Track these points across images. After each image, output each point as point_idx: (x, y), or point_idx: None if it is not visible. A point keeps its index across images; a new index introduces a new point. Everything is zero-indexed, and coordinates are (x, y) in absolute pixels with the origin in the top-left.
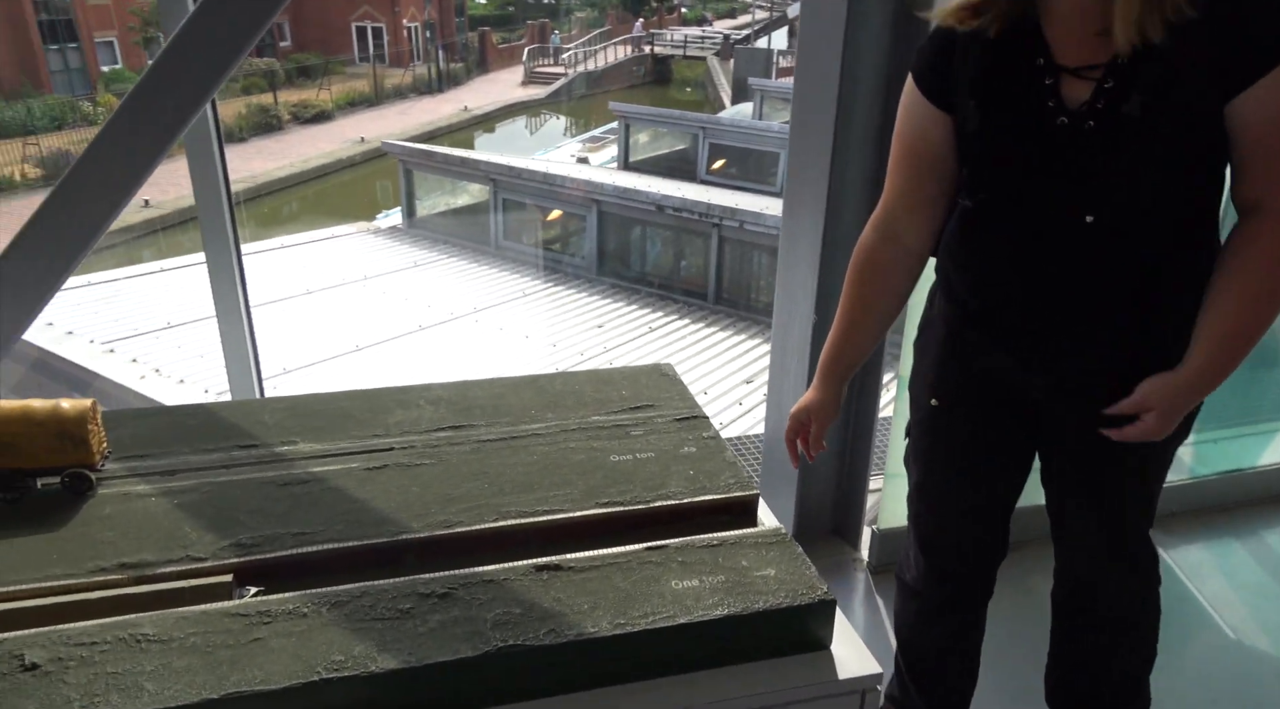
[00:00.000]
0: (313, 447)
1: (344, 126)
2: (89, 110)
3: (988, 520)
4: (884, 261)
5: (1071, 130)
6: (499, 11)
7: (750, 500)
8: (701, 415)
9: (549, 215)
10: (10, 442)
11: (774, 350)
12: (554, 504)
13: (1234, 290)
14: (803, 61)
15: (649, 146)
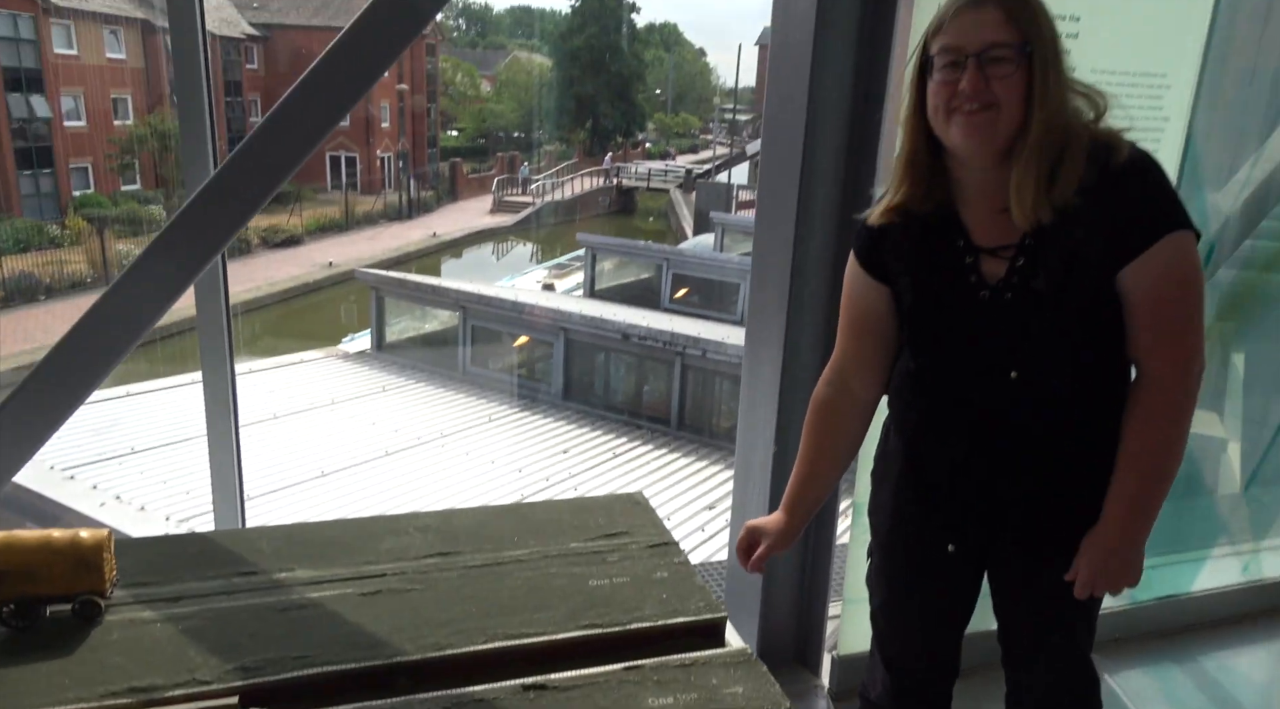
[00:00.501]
0: (309, 573)
1: (313, 251)
2: (56, 233)
3: (945, 641)
4: (837, 411)
5: (993, 302)
6: (470, 144)
7: (719, 623)
8: (672, 542)
9: (516, 341)
10: (30, 570)
11: (736, 480)
12: (538, 627)
13: (1131, 459)
14: (763, 200)
15: (614, 275)
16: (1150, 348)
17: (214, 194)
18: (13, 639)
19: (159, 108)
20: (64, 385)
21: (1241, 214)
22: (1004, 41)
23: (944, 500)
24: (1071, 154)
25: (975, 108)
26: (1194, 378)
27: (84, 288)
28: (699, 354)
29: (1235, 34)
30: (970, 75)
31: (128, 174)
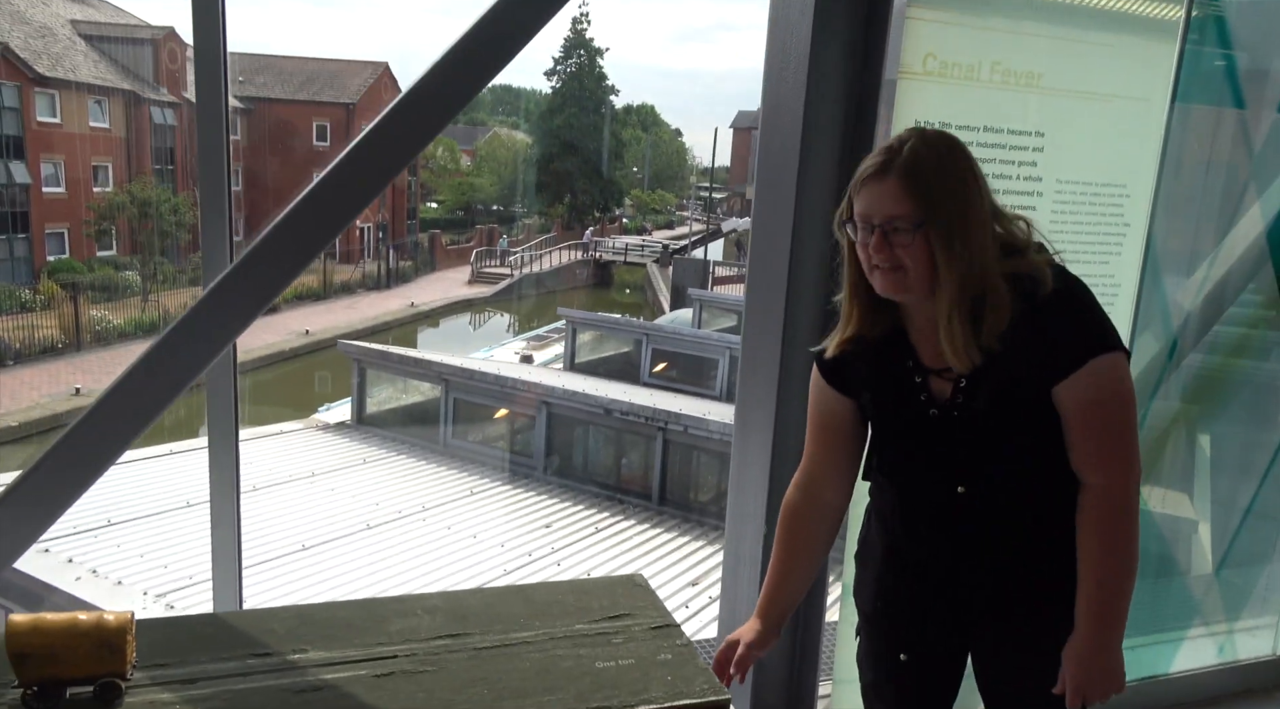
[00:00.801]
0: (321, 654)
1: (289, 319)
2: (28, 298)
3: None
4: (807, 516)
5: (942, 419)
6: (449, 216)
7: (722, 704)
8: (674, 624)
9: (497, 413)
10: (55, 653)
11: (726, 558)
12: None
13: (1089, 568)
14: (753, 276)
15: (594, 347)
16: (1087, 461)
17: (238, 279)
18: None
19: (140, 176)
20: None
21: (1201, 310)
22: (901, 215)
23: (919, 581)
24: (994, 301)
25: (886, 267)
26: (1132, 486)
27: (55, 353)
28: (680, 429)
29: (1188, 143)
30: (875, 242)
31: (104, 240)
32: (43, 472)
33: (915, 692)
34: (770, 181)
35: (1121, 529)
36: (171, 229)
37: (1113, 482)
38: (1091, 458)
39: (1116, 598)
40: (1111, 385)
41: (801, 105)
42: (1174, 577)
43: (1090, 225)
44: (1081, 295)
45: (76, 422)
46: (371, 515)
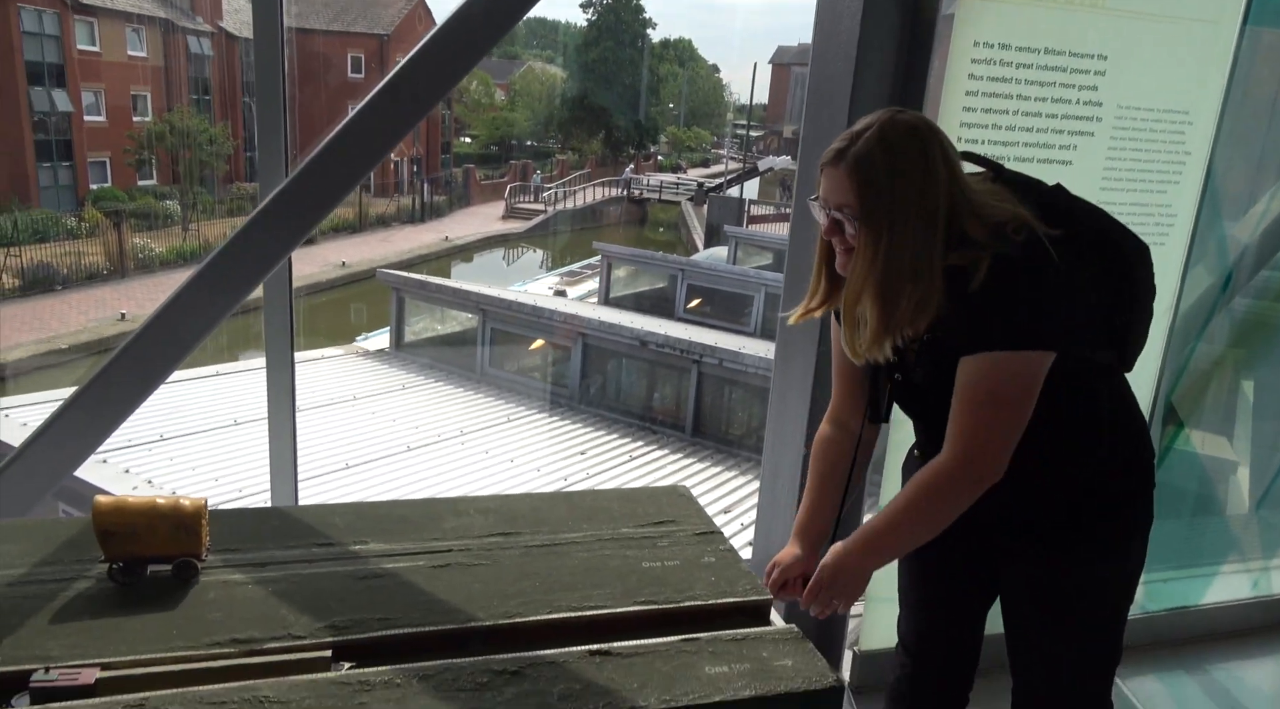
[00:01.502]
0: (381, 546)
1: (327, 250)
2: (73, 225)
3: (956, 625)
4: (837, 446)
5: (903, 383)
6: (483, 151)
7: (764, 604)
8: (717, 531)
9: (533, 345)
10: (136, 532)
11: (764, 481)
12: (598, 601)
13: (893, 504)
14: (798, 212)
15: (628, 283)
16: (950, 432)
17: (291, 195)
18: (121, 594)
19: (178, 105)
20: (133, 380)
21: (1259, 244)
22: (847, 205)
23: None
24: (922, 296)
25: (840, 248)
26: (969, 477)
27: (100, 279)
28: (715, 363)
29: (1256, 71)
30: (828, 226)
31: (144, 170)
32: (106, 378)
33: (942, 600)
34: (819, 116)
35: (934, 500)
36: (210, 159)
37: (953, 463)
38: (951, 432)
39: (893, 539)
40: (993, 382)
41: (856, 35)
42: (1211, 516)
43: (1149, 153)
44: (1020, 288)
45: (136, 332)
46: (411, 438)
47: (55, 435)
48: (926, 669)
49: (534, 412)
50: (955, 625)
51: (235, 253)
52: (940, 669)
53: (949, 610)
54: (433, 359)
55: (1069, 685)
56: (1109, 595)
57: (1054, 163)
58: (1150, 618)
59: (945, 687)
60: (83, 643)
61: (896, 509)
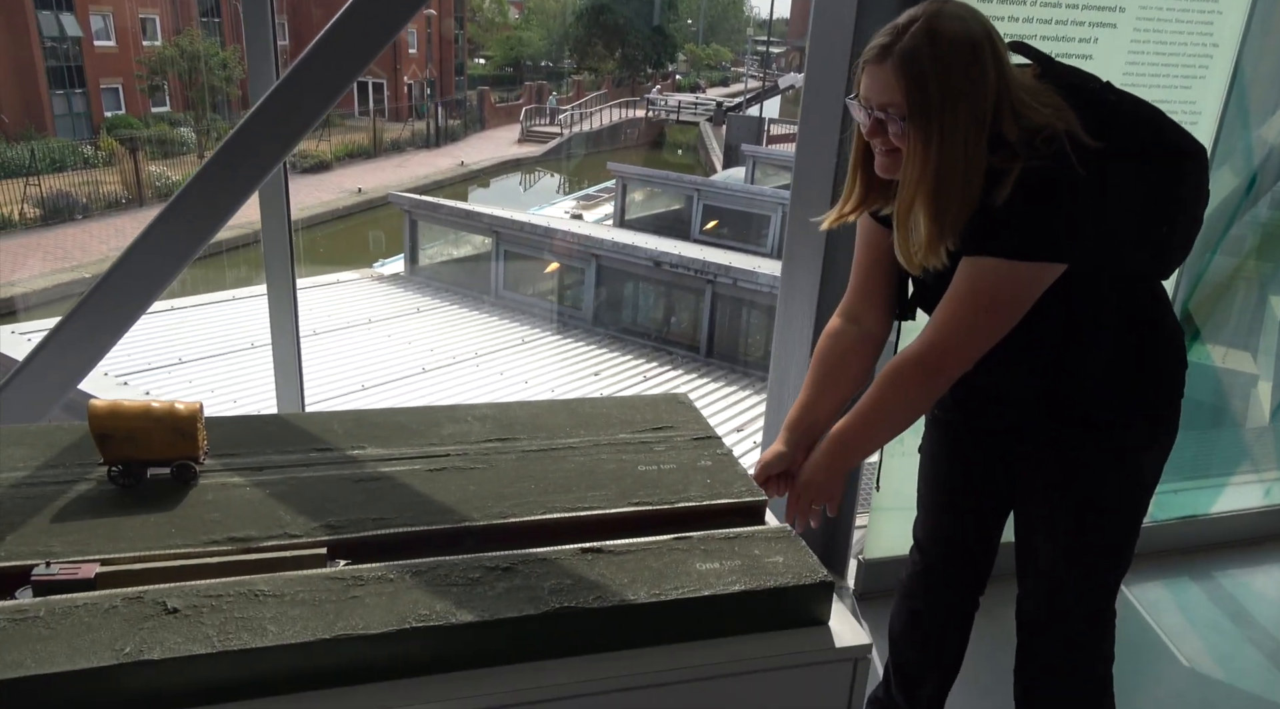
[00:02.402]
0: (378, 451)
1: (342, 177)
2: (89, 153)
3: (971, 527)
4: (846, 342)
5: (922, 281)
6: (498, 73)
7: (759, 505)
8: (715, 436)
9: (548, 267)
10: (134, 435)
11: (770, 394)
12: (592, 502)
13: (859, 407)
14: (805, 127)
15: (644, 205)
16: (929, 323)
17: (278, 103)
18: (120, 495)
19: (187, 28)
20: (129, 294)
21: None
22: (892, 103)
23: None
24: (962, 199)
25: (881, 149)
26: (930, 367)
27: (119, 207)
28: (730, 283)
29: None
30: (870, 127)
31: (157, 96)
32: (108, 287)
33: (955, 497)
34: (825, 33)
35: (898, 391)
36: (221, 84)
37: (919, 352)
38: (930, 323)
39: (861, 437)
40: (991, 285)
41: None
42: (1225, 428)
43: (1174, 46)
44: (1038, 202)
45: (136, 240)
46: (426, 360)
47: (59, 345)
48: (939, 569)
49: (548, 333)
50: (970, 527)
51: (231, 157)
52: (952, 570)
53: (965, 513)
54: (447, 282)
55: (1074, 592)
56: (1122, 506)
57: (1072, 57)
58: (1158, 526)
59: (956, 587)
60: (83, 540)
61: (862, 406)
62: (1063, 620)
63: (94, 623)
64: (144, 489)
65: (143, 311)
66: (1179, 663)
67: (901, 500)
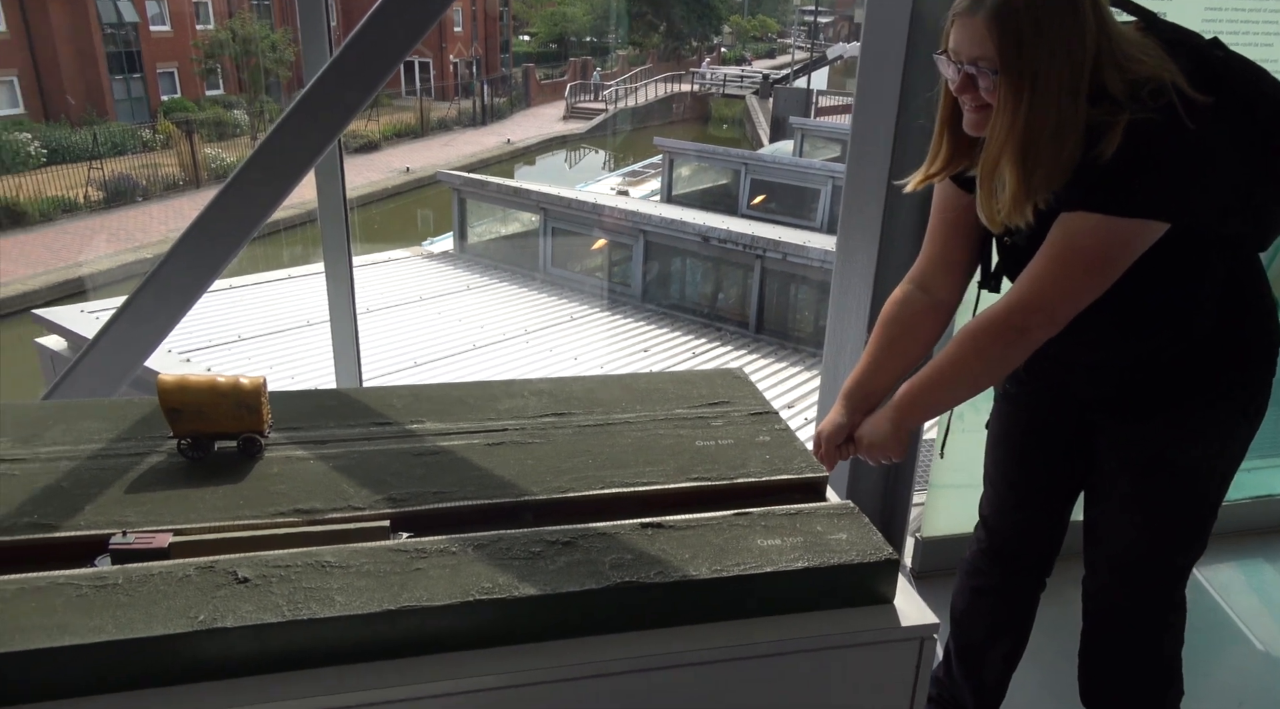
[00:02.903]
0: (437, 426)
1: (390, 157)
2: (148, 137)
3: (1042, 506)
4: (913, 309)
5: (1013, 247)
6: (543, 49)
7: (820, 482)
8: (773, 411)
9: (595, 244)
10: (202, 409)
11: (825, 368)
12: (650, 478)
13: (935, 362)
14: (861, 96)
15: (690, 181)
16: (1019, 279)
17: (331, 82)
18: (190, 468)
19: (239, 10)
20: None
21: None
22: (984, 57)
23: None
24: (1057, 158)
25: (971, 105)
26: (1017, 324)
27: (177, 189)
28: (779, 257)
29: None
30: (960, 83)
31: (211, 79)
32: (170, 267)
33: (1031, 477)
34: None
35: (979, 347)
36: (273, 66)
37: (1007, 308)
38: (1020, 279)
39: (932, 393)
40: (1091, 242)
41: None
42: None
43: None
44: (1144, 157)
45: (194, 221)
46: (477, 337)
47: (126, 323)
48: (1006, 548)
49: (597, 310)
50: (1041, 506)
51: (286, 136)
52: (1020, 549)
53: (1036, 491)
54: (496, 260)
55: (1147, 573)
56: (1207, 484)
57: None
58: (1231, 506)
59: (1024, 566)
60: (156, 511)
61: (936, 363)
62: (1133, 602)
63: (169, 591)
64: (212, 462)
65: (205, 289)
66: (1252, 646)
67: (962, 477)
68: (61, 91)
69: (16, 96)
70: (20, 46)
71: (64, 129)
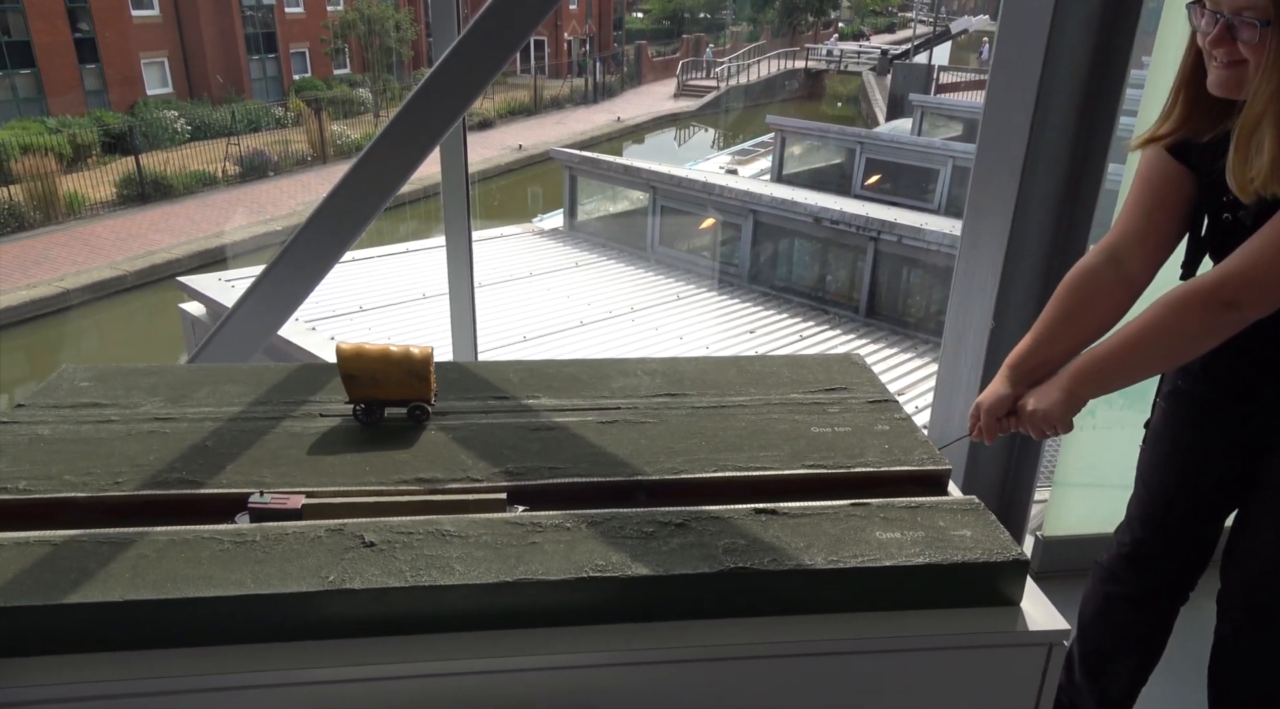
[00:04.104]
0: (552, 402)
1: (504, 134)
2: (280, 115)
3: (1194, 516)
4: (1100, 282)
5: (1232, 223)
6: (655, 26)
7: (942, 475)
8: (893, 399)
9: (704, 223)
10: (375, 376)
11: (944, 354)
12: (764, 463)
13: (1124, 330)
14: (998, 67)
15: (802, 160)
16: (1236, 254)
17: (457, 61)
18: (320, 434)
19: None
20: (323, 246)
21: None
22: (1250, 6)
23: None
24: None
25: (1223, 61)
26: (1229, 307)
27: (305, 165)
28: (894, 240)
29: None
30: (1217, 34)
31: (338, 58)
32: (305, 239)
33: (1185, 485)
34: None
35: (1185, 321)
36: (396, 46)
37: (1223, 283)
38: (1238, 252)
39: (1119, 366)
40: None
41: None
42: None
43: None
44: None
45: (326, 197)
46: (584, 314)
47: (263, 293)
48: (1151, 555)
49: (703, 290)
50: (1194, 516)
51: (414, 114)
52: (1166, 558)
53: (1192, 499)
54: (605, 237)
55: (1276, 604)
56: None
57: None
58: None
59: (1167, 577)
60: (290, 473)
61: (1129, 329)
62: (1260, 630)
63: (302, 550)
64: (342, 428)
65: (336, 261)
66: None
67: (1089, 475)
68: (205, 71)
69: (166, 76)
70: (170, 29)
71: (206, 107)
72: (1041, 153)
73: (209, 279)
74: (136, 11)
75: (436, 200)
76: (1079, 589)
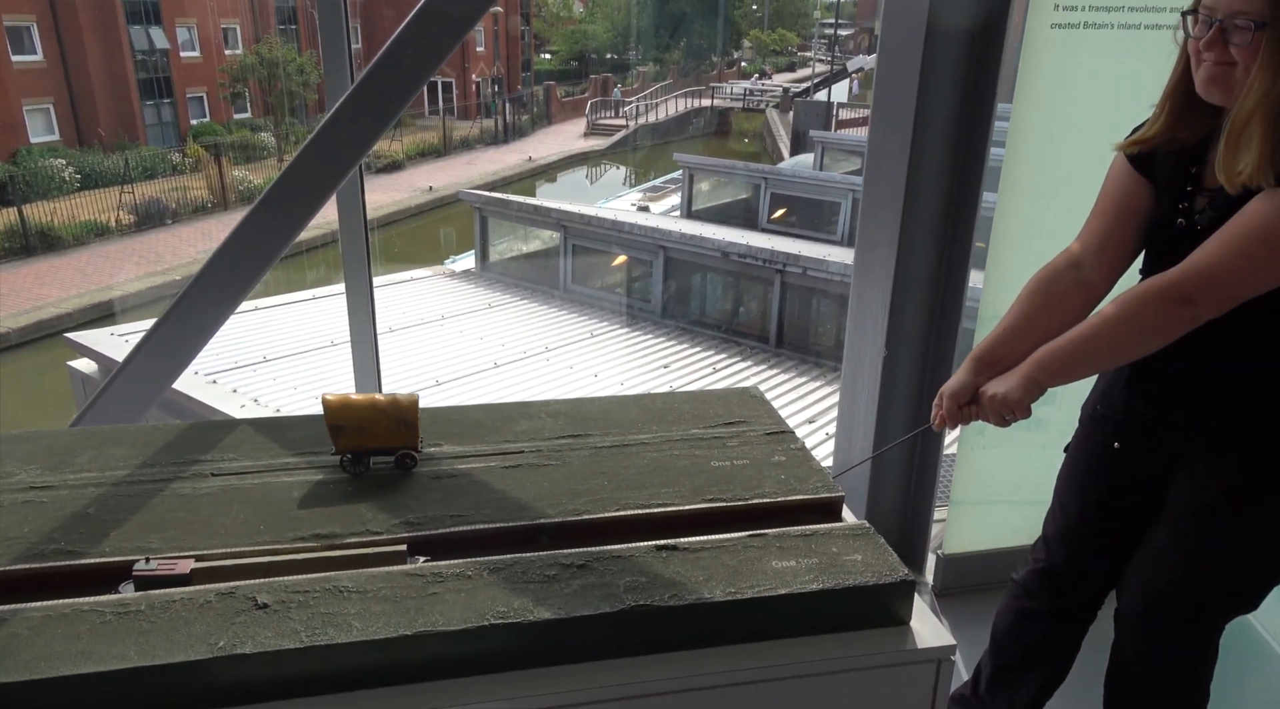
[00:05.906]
0: (455, 448)
1: (414, 176)
2: (178, 160)
3: (1106, 537)
4: (1063, 285)
5: (1185, 228)
6: (563, 67)
7: (836, 501)
8: (789, 430)
9: (615, 260)
10: (362, 425)
11: (844, 383)
12: (665, 499)
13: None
14: (877, 110)
15: (711, 195)
16: (1195, 253)
17: (354, 106)
18: (212, 493)
19: (266, 35)
20: (219, 296)
21: None
22: (1245, 11)
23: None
24: None
25: (1214, 61)
26: (1181, 295)
27: (205, 212)
28: (799, 272)
29: None
30: (1211, 36)
31: (239, 102)
32: (195, 293)
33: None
34: (899, 11)
35: (1140, 315)
36: (299, 89)
37: (1180, 280)
38: (1197, 252)
39: (1075, 357)
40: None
41: None
42: None
43: None
44: None
45: (219, 247)
46: (498, 355)
47: (155, 346)
48: (1065, 571)
49: (617, 326)
50: (1107, 537)
51: (310, 160)
52: (1080, 574)
53: (1106, 520)
54: (517, 278)
55: (1196, 612)
56: (1270, 541)
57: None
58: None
59: (1080, 593)
60: (178, 537)
61: (1089, 322)
62: (1172, 637)
63: (190, 617)
64: (232, 487)
65: (232, 311)
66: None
67: (983, 493)
68: (95, 118)
69: (53, 123)
70: (55, 74)
71: (96, 154)
72: (921, 185)
73: (100, 334)
74: (17, 57)
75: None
76: (982, 604)
